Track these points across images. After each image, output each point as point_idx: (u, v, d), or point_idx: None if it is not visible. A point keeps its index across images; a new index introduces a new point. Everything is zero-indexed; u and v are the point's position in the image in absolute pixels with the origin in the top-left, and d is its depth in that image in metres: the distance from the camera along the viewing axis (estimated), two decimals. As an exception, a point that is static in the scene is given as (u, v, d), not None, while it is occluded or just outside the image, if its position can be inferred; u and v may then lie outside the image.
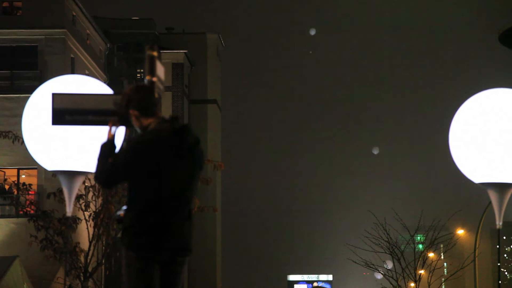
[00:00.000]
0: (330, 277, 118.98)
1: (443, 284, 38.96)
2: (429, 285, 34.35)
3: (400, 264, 34.91)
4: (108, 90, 9.62)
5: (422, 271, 36.55)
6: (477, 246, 39.03)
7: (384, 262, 36.74)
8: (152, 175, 6.18)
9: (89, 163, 9.64)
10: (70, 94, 7.69)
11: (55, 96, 7.02)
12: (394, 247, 35.20)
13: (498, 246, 9.92)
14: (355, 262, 37.13)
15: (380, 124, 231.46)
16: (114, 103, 6.48)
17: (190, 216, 6.40)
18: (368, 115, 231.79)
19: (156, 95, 6.31)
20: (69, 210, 9.85)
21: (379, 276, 36.20)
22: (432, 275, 34.86)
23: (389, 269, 35.40)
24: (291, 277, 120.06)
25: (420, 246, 42.24)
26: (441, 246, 39.89)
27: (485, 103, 9.40)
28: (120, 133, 9.43)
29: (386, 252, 35.54)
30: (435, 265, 35.89)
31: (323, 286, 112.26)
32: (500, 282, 10.19)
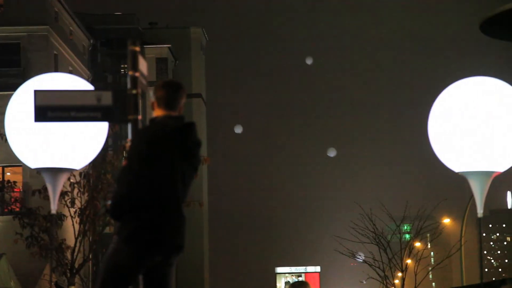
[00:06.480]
0: (318, 269, 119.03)
1: (430, 273, 39.07)
2: (415, 275, 34.45)
3: (387, 254, 35.02)
4: (89, 86, 9.63)
5: (409, 261, 36.67)
6: (463, 235, 39.16)
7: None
8: (154, 168, 6.10)
9: (73, 160, 9.64)
10: (53, 91, 7.70)
11: (37, 93, 7.03)
12: (380, 237, 35.34)
13: (482, 234, 9.88)
14: (342, 254, 37.26)
15: (364, 114, 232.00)
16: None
17: (183, 212, 6.39)
18: (352, 106, 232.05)
19: (179, 94, 6.43)
20: (53, 207, 9.82)
21: None
22: (418, 265, 34.98)
23: (375, 260, 35.50)
24: (279, 269, 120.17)
25: (407, 236, 42.38)
26: (428, 235, 40.02)
27: (462, 92, 9.27)
28: (103, 128, 9.48)
29: (372, 243, 35.65)
30: (422, 254, 35.99)
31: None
32: (482, 270, 10.26)
